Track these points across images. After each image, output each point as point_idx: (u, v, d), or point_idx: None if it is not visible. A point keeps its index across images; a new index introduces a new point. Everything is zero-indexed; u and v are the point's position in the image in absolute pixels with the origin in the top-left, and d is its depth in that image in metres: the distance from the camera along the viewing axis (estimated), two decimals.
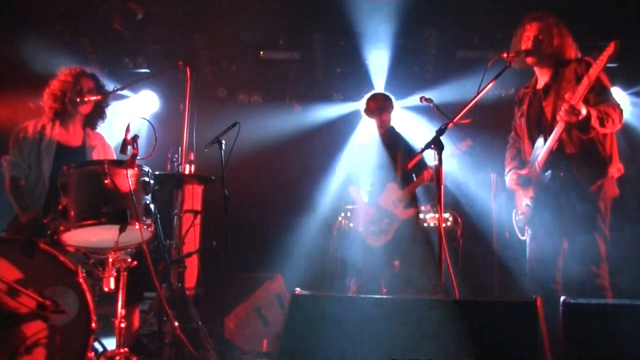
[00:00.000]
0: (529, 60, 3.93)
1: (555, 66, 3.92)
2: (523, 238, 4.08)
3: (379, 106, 5.49)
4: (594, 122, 3.60)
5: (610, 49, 3.48)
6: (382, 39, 6.48)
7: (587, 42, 4.08)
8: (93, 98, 4.31)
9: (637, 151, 6.50)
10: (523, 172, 4.01)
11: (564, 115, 3.58)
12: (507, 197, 4.35)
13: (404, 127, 7.08)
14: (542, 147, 3.83)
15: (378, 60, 6.77)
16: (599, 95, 3.72)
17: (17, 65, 5.99)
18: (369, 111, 5.53)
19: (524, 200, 4.01)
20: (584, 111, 3.55)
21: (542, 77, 4.00)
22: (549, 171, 3.79)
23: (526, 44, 3.91)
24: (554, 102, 3.83)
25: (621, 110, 3.74)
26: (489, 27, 6.37)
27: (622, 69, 6.59)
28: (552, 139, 3.74)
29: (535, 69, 4.02)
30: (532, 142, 3.95)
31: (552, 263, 3.87)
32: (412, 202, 5.38)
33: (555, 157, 3.77)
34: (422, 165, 5.27)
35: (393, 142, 5.49)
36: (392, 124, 5.59)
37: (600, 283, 3.68)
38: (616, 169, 3.79)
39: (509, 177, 4.14)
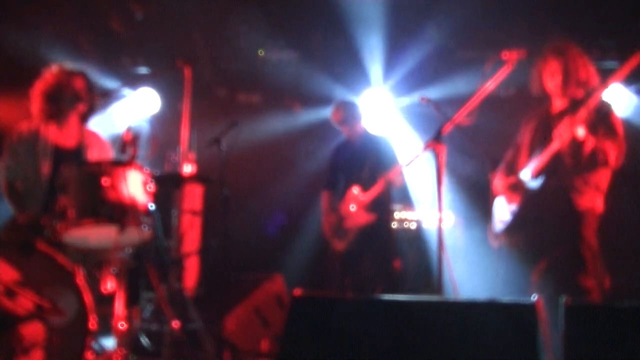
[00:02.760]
0: (556, 93, 3.90)
1: (578, 95, 3.89)
2: (496, 246, 4.05)
3: (347, 116, 5.52)
4: (586, 151, 3.65)
5: (634, 61, 3.51)
6: (382, 38, 6.48)
7: (588, 40, 4.06)
8: (90, 99, 4.27)
9: (637, 148, 6.49)
10: (513, 178, 4.00)
11: (560, 131, 3.60)
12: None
13: (402, 126, 7.10)
14: (536, 159, 3.83)
15: (377, 59, 6.77)
16: (607, 130, 3.73)
17: (15, 65, 5.98)
18: (337, 121, 5.57)
19: (507, 207, 3.98)
20: (580, 133, 3.56)
21: (559, 102, 3.96)
22: (541, 179, 3.79)
23: (554, 79, 3.87)
24: None
25: (622, 149, 3.75)
26: (489, 26, 6.36)
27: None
28: (547, 153, 3.75)
29: (557, 98, 3.98)
30: (531, 158, 3.94)
31: (528, 275, 3.85)
32: (376, 206, 5.35)
33: (549, 168, 3.77)
34: (385, 169, 5.29)
35: (363, 147, 5.49)
36: (364, 127, 5.60)
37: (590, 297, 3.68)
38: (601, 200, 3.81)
39: (498, 181, 4.11)
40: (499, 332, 2.41)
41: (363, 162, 5.41)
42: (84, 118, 4.38)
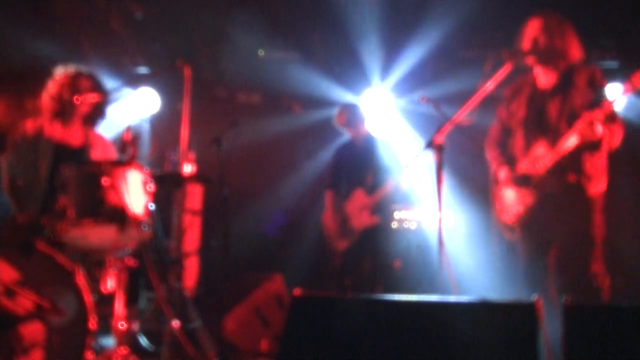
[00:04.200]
0: (529, 60, 3.92)
1: (562, 68, 3.90)
2: (510, 237, 4.05)
3: (351, 118, 5.53)
4: (601, 144, 3.72)
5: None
6: (382, 37, 6.48)
7: (588, 40, 4.06)
8: (92, 99, 4.28)
9: (635, 147, 6.50)
10: (520, 169, 3.98)
11: (580, 129, 3.63)
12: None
13: (402, 126, 7.09)
14: (546, 150, 3.81)
15: (377, 59, 6.77)
16: (612, 115, 3.76)
17: (15, 65, 5.98)
18: (342, 124, 5.58)
19: (513, 197, 3.97)
20: (599, 130, 3.62)
21: (546, 78, 3.96)
22: (555, 173, 3.79)
23: (526, 43, 3.90)
24: (561, 106, 3.83)
25: (623, 128, 3.81)
26: (489, 26, 6.36)
27: (623, 68, 6.57)
28: (562, 148, 3.75)
29: (538, 68, 3.99)
30: (528, 140, 3.93)
31: (545, 264, 3.86)
32: (379, 209, 5.35)
33: (564, 162, 3.77)
34: (389, 172, 5.29)
35: (367, 150, 5.49)
36: (368, 130, 5.60)
37: (597, 284, 3.70)
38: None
39: (503, 172, 4.07)
40: (499, 332, 2.41)
41: (367, 164, 5.42)
42: (89, 119, 4.39)
